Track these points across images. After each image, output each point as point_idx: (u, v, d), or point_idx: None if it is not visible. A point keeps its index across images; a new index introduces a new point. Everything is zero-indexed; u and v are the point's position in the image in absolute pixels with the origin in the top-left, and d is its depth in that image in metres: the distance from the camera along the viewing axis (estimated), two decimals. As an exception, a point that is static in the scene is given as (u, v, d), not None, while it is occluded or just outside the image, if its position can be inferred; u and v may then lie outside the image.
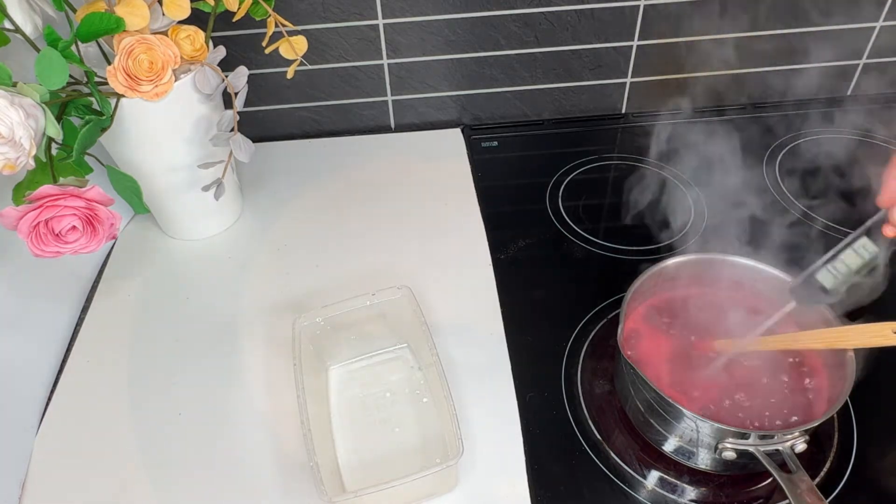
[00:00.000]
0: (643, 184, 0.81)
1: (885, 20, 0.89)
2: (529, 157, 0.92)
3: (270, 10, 0.66)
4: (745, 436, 0.50)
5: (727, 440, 0.50)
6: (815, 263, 0.53)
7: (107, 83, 0.58)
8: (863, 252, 0.50)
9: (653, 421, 0.55)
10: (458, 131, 0.93)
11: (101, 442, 0.59)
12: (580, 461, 0.57)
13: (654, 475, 0.57)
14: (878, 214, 0.50)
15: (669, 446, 0.56)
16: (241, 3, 0.63)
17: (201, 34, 0.64)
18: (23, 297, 0.65)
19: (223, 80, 0.65)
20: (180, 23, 0.62)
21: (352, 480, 0.56)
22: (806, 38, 0.89)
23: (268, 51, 0.67)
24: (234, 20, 0.66)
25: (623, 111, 0.95)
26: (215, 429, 0.60)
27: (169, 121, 0.66)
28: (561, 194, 0.83)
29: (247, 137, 0.66)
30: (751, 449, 0.50)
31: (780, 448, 0.50)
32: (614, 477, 0.56)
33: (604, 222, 0.80)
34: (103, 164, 0.62)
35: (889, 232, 0.49)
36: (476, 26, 0.85)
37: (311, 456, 0.50)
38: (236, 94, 0.65)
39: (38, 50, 0.53)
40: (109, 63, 0.58)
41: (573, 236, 0.78)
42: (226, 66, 0.65)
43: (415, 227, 0.78)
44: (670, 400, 0.51)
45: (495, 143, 0.92)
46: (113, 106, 0.60)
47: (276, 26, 0.66)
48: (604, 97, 0.94)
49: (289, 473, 0.56)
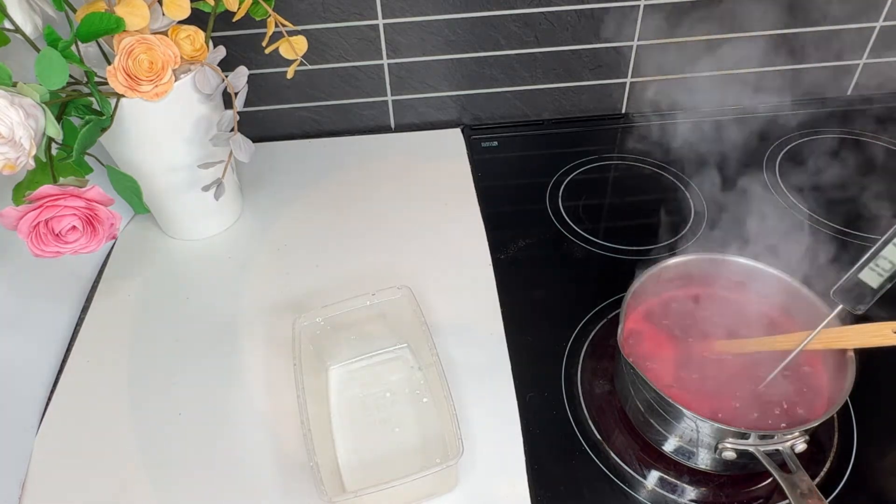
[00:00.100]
0: (643, 184, 0.82)
1: (885, 20, 0.89)
2: (529, 157, 0.92)
3: (270, 10, 0.66)
4: (745, 436, 0.50)
5: (727, 440, 0.50)
6: (856, 264, 0.51)
7: (107, 83, 0.58)
8: None
9: (653, 421, 0.55)
10: (458, 131, 0.93)
11: (101, 442, 0.59)
12: (580, 461, 0.57)
13: (654, 475, 0.57)
14: None
15: (669, 446, 0.56)
16: (241, 3, 0.63)
17: (201, 34, 0.64)
18: (23, 297, 0.65)
19: (223, 80, 0.65)
20: (180, 23, 0.62)
21: (352, 480, 0.56)
22: (806, 38, 0.89)
23: (268, 51, 0.67)
24: (234, 20, 0.66)
25: (623, 111, 0.95)
26: (215, 429, 0.60)
27: (169, 121, 0.66)
28: (561, 194, 0.83)
29: (247, 137, 0.66)
30: (751, 449, 0.50)
31: (780, 448, 0.50)
32: (614, 477, 0.56)
33: (604, 222, 0.80)
34: (103, 164, 0.62)
35: None
36: (476, 26, 0.85)
37: (311, 456, 0.50)
38: (236, 94, 0.65)
39: (38, 50, 0.53)
40: (109, 63, 0.58)
41: (573, 236, 0.78)
42: (226, 66, 0.65)
43: (415, 226, 0.78)
44: (670, 400, 0.51)
45: (495, 143, 0.92)
46: (113, 106, 0.60)
47: (276, 26, 0.66)
48: (604, 97, 0.94)
49: (289, 473, 0.56)
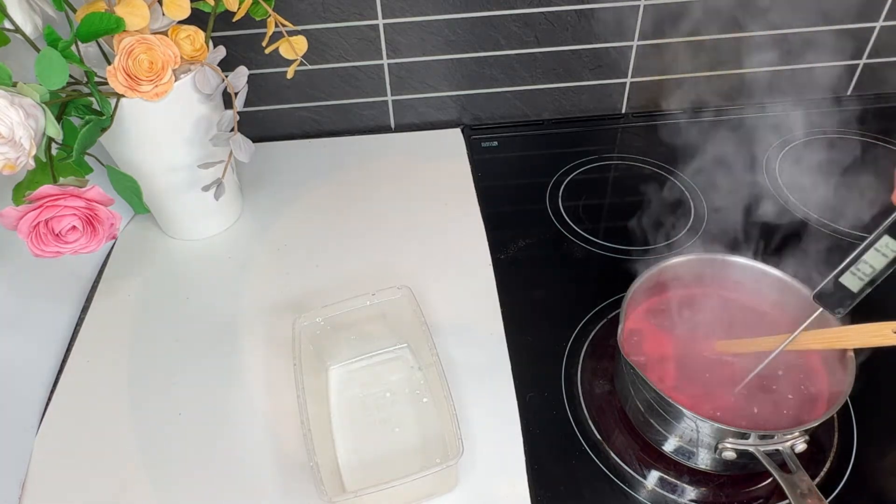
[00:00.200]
0: (643, 184, 0.81)
1: (885, 20, 0.89)
2: (529, 157, 0.92)
3: (270, 10, 0.66)
4: (744, 436, 0.50)
5: (727, 440, 0.50)
6: (837, 268, 0.51)
7: (107, 83, 0.58)
8: (886, 251, 0.49)
9: (653, 421, 0.55)
10: (458, 131, 0.93)
11: (101, 442, 0.59)
12: (580, 461, 0.57)
13: (654, 475, 0.57)
14: None
15: (669, 446, 0.56)
16: (241, 3, 0.63)
17: (201, 34, 0.64)
18: (23, 297, 0.65)
19: (223, 80, 0.65)
20: (180, 23, 0.62)
21: (352, 480, 0.56)
22: (806, 38, 0.89)
23: (268, 51, 0.67)
24: (234, 20, 0.66)
25: (623, 111, 0.95)
26: (215, 429, 0.60)
27: (169, 121, 0.66)
28: (561, 194, 0.83)
29: (247, 137, 0.66)
30: (751, 449, 0.50)
31: (780, 448, 0.50)
32: (614, 477, 0.56)
33: (604, 222, 0.80)
34: (103, 164, 0.62)
35: None
36: (476, 26, 0.85)
37: (311, 456, 0.50)
38: (236, 94, 0.65)
39: (38, 50, 0.53)
40: (109, 63, 0.58)
41: (573, 236, 0.78)
42: (226, 66, 0.65)
43: (415, 226, 0.78)
44: (670, 400, 0.51)
45: (495, 143, 0.92)
46: (113, 106, 0.60)
47: (276, 26, 0.66)
48: (604, 97, 0.94)
49: (289, 473, 0.56)
